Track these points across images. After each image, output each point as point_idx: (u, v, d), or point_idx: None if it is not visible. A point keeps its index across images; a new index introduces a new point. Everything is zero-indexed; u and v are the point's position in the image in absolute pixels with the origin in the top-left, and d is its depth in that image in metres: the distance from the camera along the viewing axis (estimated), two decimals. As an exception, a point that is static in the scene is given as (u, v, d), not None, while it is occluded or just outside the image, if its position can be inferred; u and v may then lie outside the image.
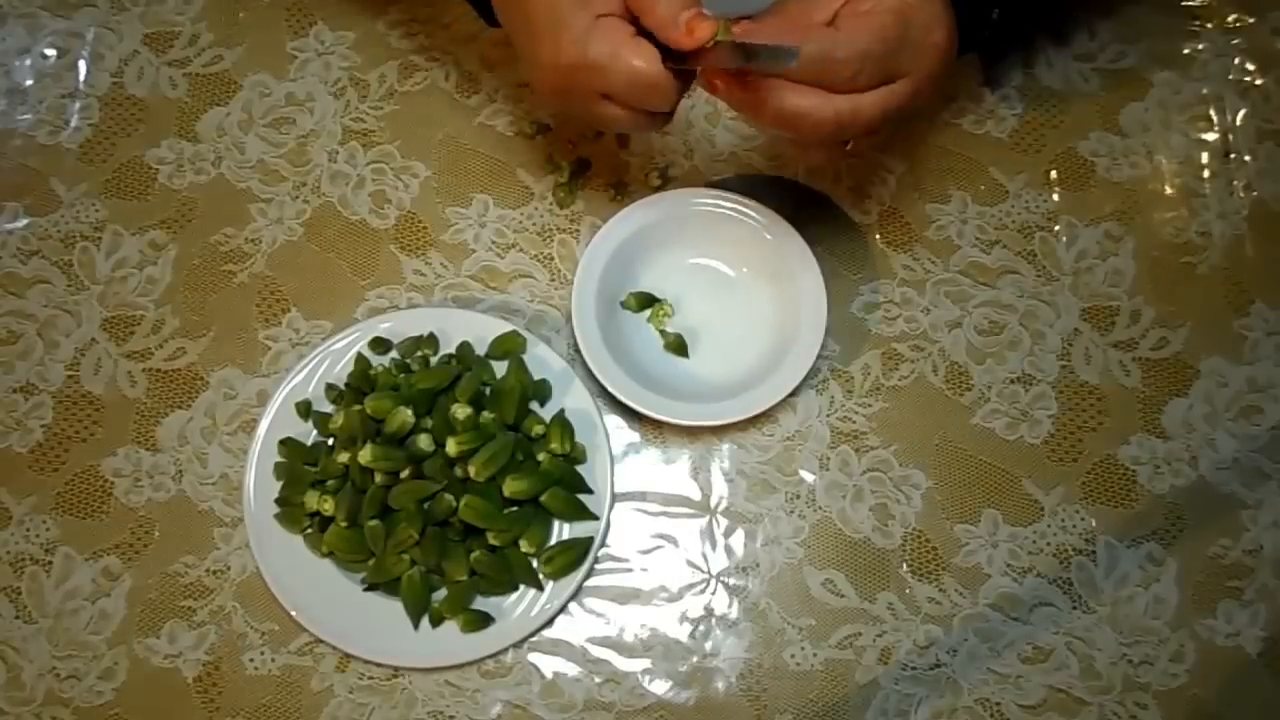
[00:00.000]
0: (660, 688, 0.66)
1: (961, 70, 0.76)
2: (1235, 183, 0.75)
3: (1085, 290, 0.73)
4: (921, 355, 0.72)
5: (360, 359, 0.69)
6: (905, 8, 0.55)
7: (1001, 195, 0.75)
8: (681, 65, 0.55)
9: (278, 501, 0.67)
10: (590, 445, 0.68)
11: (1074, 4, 0.79)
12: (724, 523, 0.69)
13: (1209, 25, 0.79)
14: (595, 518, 0.67)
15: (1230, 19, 0.79)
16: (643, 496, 0.69)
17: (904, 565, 0.68)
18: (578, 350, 0.68)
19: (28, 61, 0.78)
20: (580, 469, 0.67)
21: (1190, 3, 0.79)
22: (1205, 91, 0.77)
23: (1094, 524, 0.69)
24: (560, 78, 0.57)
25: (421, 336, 0.70)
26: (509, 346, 0.69)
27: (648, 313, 0.72)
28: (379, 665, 0.66)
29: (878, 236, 0.74)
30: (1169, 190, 0.75)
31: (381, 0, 0.79)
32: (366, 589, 0.66)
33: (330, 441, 0.68)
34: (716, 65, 0.55)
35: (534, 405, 0.68)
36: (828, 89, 0.54)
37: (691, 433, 0.70)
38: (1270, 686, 0.66)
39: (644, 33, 0.56)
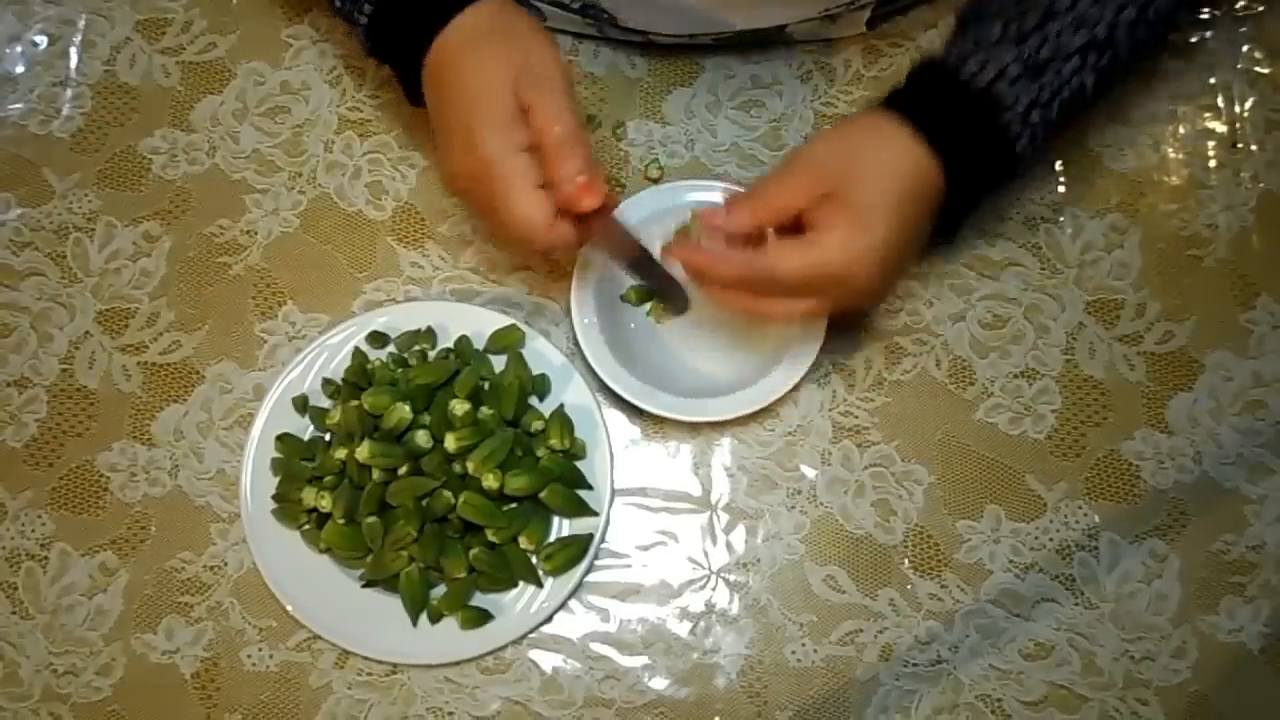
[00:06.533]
0: (660, 684, 0.66)
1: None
2: (1242, 174, 0.74)
3: (1090, 283, 0.72)
4: (924, 349, 0.71)
5: (357, 353, 0.68)
6: (837, 255, 0.57)
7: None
8: (581, 228, 0.60)
9: (275, 497, 0.66)
10: (590, 440, 0.67)
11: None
12: (725, 518, 0.68)
13: (1217, 13, 0.77)
14: (595, 514, 0.66)
15: (1239, 6, 0.78)
16: (643, 492, 0.69)
17: (905, 561, 0.68)
18: (577, 344, 0.68)
19: (18, 49, 0.77)
20: (580, 465, 0.67)
21: (1199, -10, 0.78)
22: (1213, 81, 0.76)
23: (1097, 519, 0.68)
24: (461, 186, 0.61)
25: (419, 331, 0.69)
26: (508, 341, 0.68)
27: (648, 306, 0.71)
28: (378, 662, 0.66)
29: (880, 228, 0.73)
30: (1175, 181, 0.74)
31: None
32: (364, 585, 0.65)
33: (327, 437, 0.67)
34: (603, 248, 0.63)
35: (533, 400, 0.68)
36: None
37: (692, 428, 0.70)
38: (1272, 683, 0.66)
39: None
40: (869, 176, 0.58)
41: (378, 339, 0.69)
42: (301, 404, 0.68)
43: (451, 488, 0.64)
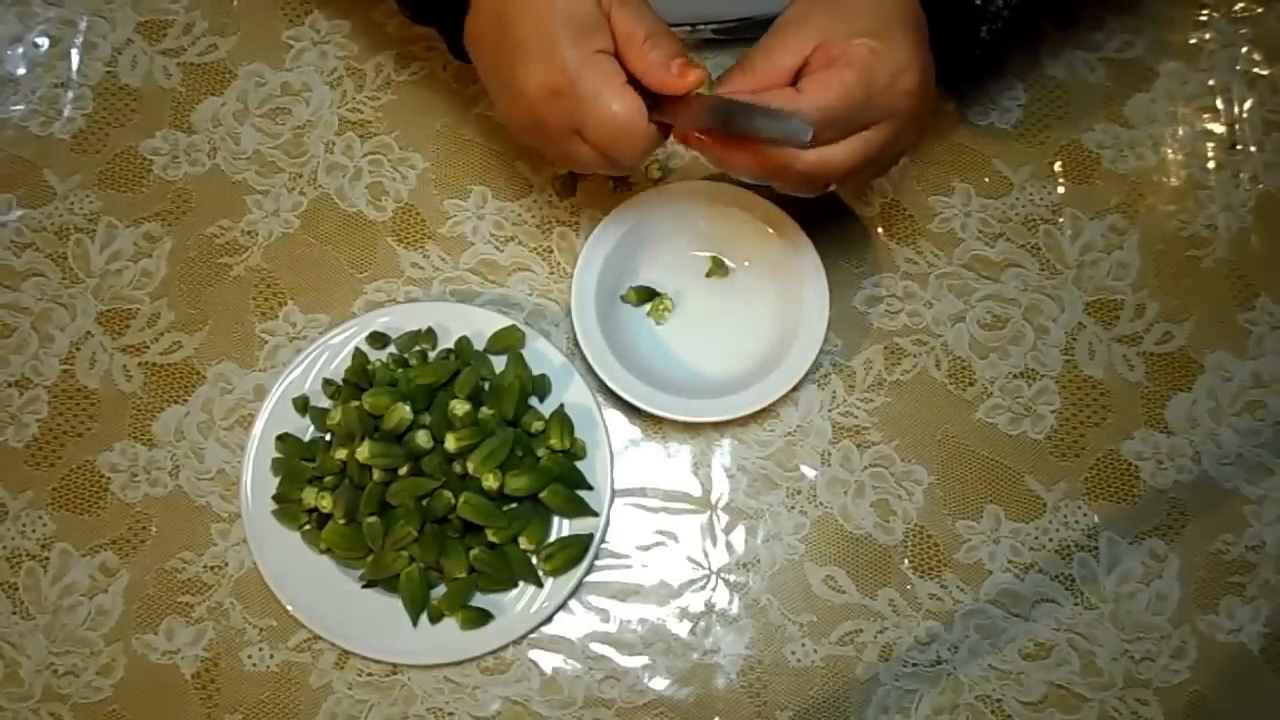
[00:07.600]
0: (660, 684, 0.66)
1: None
2: (1241, 175, 0.75)
3: (1089, 284, 0.72)
4: (924, 350, 0.71)
5: (358, 354, 0.68)
6: (870, 60, 0.54)
7: (1005, 187, 0.74)
8: (664, 119, 0.56)
9: (275, 498, 0.66)
10: (590, 441, 0.67)
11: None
12: (724, 518, 0.69)
13: (1216, 14, 0.78)
14: (595, 514, 0.66)
15: (1238, 8, 0.78)
16: (643, 492, 0.69)
17: (905, 561, 0.68)
18: (577, 344, 0.68)
19: (20, 50, 0.77)
20: (580, 465, 0.67)
21: (1197, -9, 0.78)
22: (1212, 82, 0.76)
23: (1096, 520, 0.68)
24: (539, 105, 0.56)
25: (419, 331, 0.69)
26: (508, 341, 0.69)
27: (648, 307, 0.71)
28: (377, 662, 0.66)
29: (880, 229, 0.73)
30: (1174, 182, 0.75)
31: (378, -12, 0.78)
32: (365, 585, 0.65)
33: (328, 437, 0.67)
34: (697, 124, 0.56)
35: (533, 400, 0.68)
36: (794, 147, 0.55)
37: (692, 428, 0.70)
38: (1272, 683, 0.66)
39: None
40: (865, 6, 0.56)
41: (378, 339, 0.69)
42: (302, 404, 0.68)
43: (451, 488, 0.64)
